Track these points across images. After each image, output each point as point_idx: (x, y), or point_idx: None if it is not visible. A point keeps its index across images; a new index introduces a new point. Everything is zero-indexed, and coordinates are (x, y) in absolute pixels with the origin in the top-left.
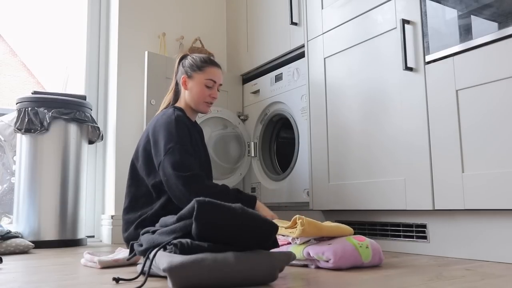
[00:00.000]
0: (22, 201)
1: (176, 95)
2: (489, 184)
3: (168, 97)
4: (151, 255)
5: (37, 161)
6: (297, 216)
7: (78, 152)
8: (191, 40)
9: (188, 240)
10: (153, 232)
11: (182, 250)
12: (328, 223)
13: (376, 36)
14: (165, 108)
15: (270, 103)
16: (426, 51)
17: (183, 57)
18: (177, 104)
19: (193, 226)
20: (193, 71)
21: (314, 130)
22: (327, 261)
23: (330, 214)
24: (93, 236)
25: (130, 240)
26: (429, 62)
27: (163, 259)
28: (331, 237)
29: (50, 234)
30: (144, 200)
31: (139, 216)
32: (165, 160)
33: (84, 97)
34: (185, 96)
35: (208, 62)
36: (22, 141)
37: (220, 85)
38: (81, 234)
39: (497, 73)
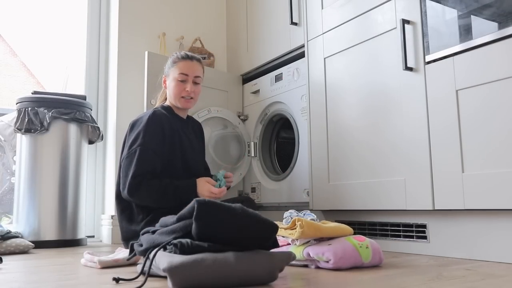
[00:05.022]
0: (22, 201)
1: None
2: (489, 184)
3: (158, 98)
4: (151, 255)
5: (37, 161)
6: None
7: (78, 152)
8: (191, 40)
9: (188, 240)
10: (153, 232)
11: (182, 250)
12: (326, 222)
13: (376, 36)
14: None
15: (270, 103)
16: (426, 51)
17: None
18: (165, 103)
19: (193, 226)
20: (168, 69)
21: (314, 130)
22: (327, 262)
23: (330, 214)
24: (93, 236)
25: (131, 237)
26: (429, 62)
27: (163, 259)
28: (331, 237)
29: (50, 234)
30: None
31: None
32: (125, 160)
33: (84, 97)
34: (167, 95)
35: (180, 57)
36: (22, 141)
37: (196, 77)
38: (81, 234)
39: (497, 73)
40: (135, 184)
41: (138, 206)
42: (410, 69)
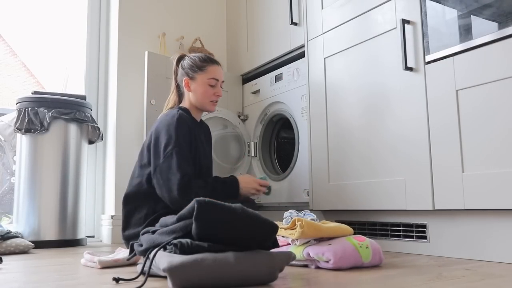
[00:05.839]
0: (22, 201)
1: (180, 96)
2: (489, 184)
3: (172, 98)
4: (151, 255)
5: (37, 161)
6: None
7: (78, 152)
8: (191, 40)
9: (188, 240)
10: (153, 232)
11: (182, 250)
12: (326, 222)
13: (376, 36)
14: (170, 109)
15: (270, 103)
16: (426, 51)
17: (180, 58)
18: (181, 105)
19: (193, 226)
20: (195, 72)
21: (314, 130)
22: (327, 262)
23: (330, 214)
24: (93, 236)
25: (133, 237)
26: (429, 62)
27: (163, 259)
28: (331, 237)
29: (50, 234)
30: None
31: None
32: (162, 165)
33: (84, 97)
34: (190, 98)
35: (208, 61)
36: (22, 141)
37: (223, 82)
38: (81, 234)
39: (497, 73)
40: (184, 184)
41: (148, 209)
42: (410, 69)
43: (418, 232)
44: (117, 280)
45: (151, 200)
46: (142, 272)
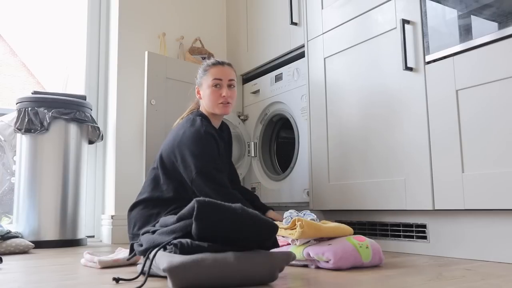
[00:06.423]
0: (22, 201)
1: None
2: (489, 184)
3: (192, 105)
4: (151, 255)
5: (37, 161)
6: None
7: (78, 152)
8: (191, 40)
9: (188, 240)
10: (153, 232)
11: (182, 250)
12: (326, 222)
13: (376, 36)
14: (190, 113)
15: (270, 103)
16: (426, 51)
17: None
18: (201, 112)
19: (193, 226)
20: (200, 78)
21: (314, 130)
22: (327, 262)
23: (330, 214)
24: (93, 236)
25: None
26: (429, 62)
27: (163, 259)
28: (331, 237)
29: (50, 234)
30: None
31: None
32: (198, 178)
33: (84, 97)
34: (203, 105)
35: (210, 63)
36: (22, 141)
37: (231, 80)
38: (81, 234)
39: (497, 73)
40: (229, 193)
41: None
42: (410, 69)
43: (418, 232)
44: (117, 280)
45: (175, 202)
46: (142, 272)
